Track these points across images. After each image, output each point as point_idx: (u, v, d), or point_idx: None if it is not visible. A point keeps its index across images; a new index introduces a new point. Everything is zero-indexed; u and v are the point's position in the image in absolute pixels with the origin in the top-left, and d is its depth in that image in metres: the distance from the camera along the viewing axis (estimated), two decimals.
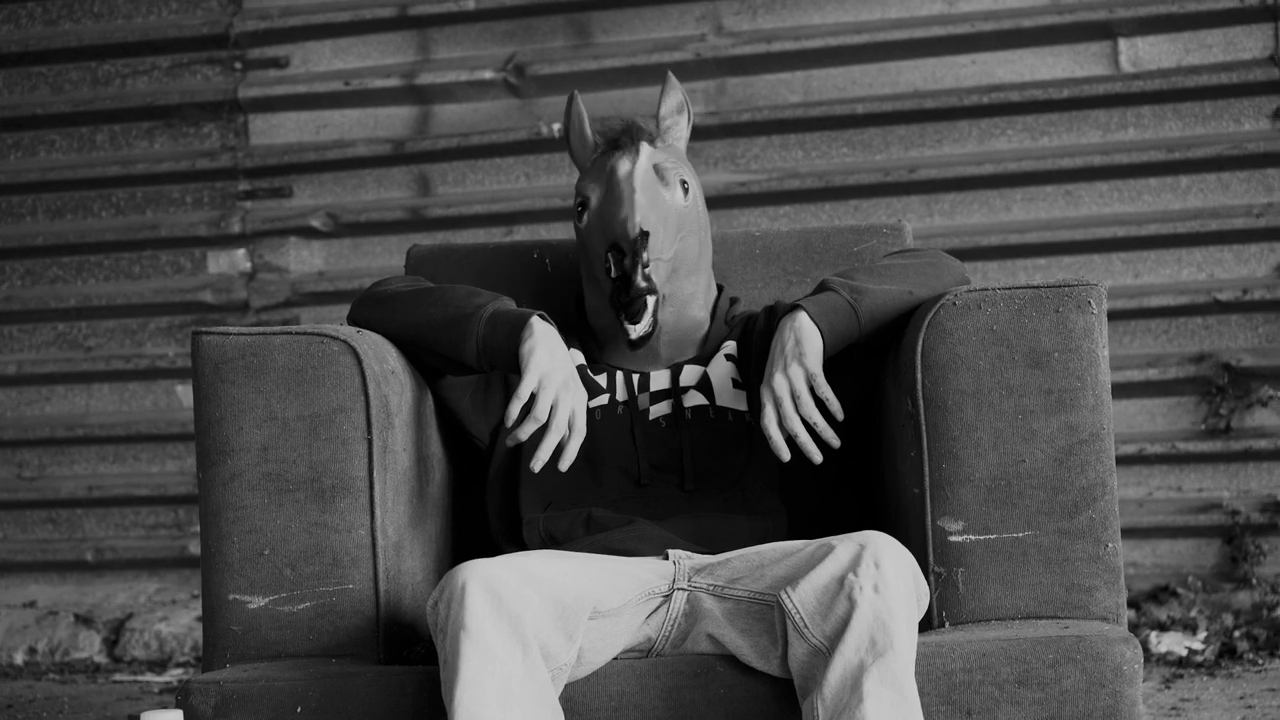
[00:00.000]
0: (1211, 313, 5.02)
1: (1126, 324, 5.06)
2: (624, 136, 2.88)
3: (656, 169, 2.84)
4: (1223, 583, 4.91)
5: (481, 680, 2.20)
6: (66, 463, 5.76)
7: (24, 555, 5.73)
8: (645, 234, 2.70)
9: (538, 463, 2.50)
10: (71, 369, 5.74)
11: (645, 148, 2.86)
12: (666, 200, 2.82)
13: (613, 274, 2.72)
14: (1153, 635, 4.63)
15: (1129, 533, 4.96)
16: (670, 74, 3.03)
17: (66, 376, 5.76)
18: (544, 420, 2.51)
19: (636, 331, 2.72)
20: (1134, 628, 4.71)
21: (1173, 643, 4.60)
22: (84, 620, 5.51)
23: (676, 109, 2.99)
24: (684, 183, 2.86)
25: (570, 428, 2.54)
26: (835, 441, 2.56)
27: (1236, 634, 4.63)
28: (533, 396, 2.52)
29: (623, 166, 2.83)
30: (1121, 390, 4.99)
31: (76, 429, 5.72)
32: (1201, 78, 5.02)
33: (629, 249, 2.69)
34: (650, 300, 2.71)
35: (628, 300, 2.69)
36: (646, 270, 2.68)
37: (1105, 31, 5.08)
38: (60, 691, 4.95)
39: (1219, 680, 4.32)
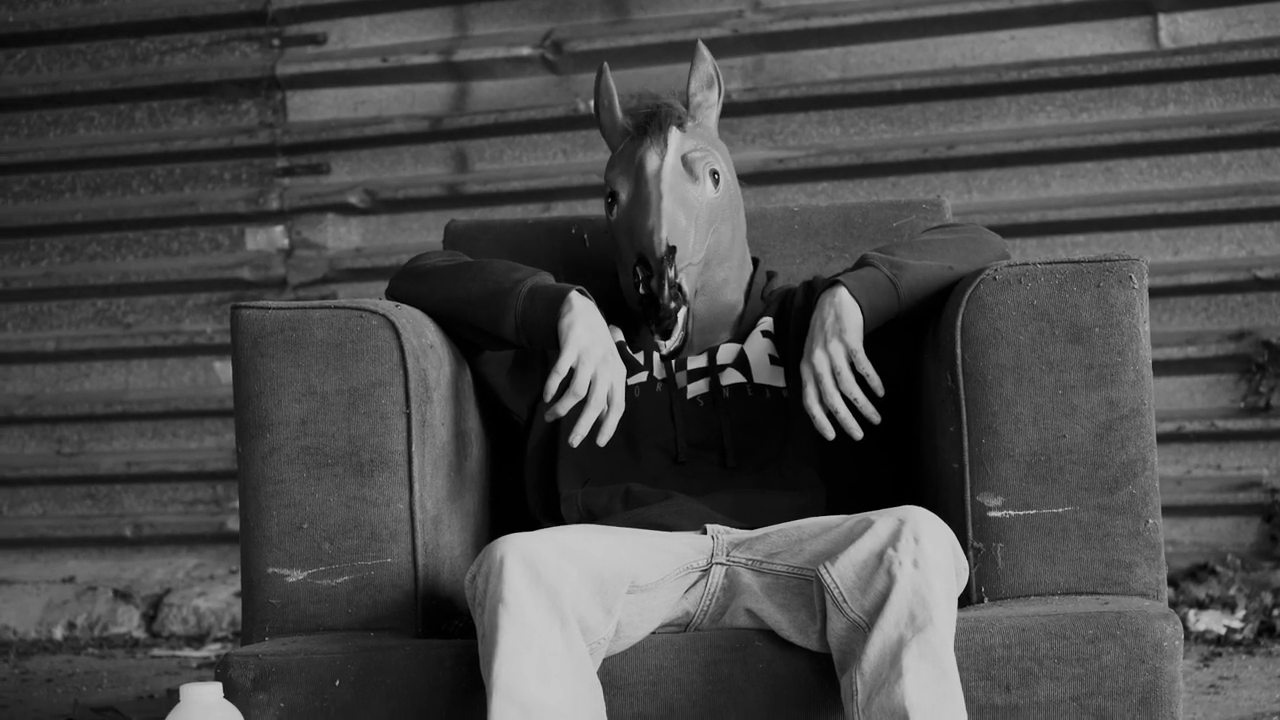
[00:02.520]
0: (1252, 290, 5.00)
1: (1166, 301, 5.04)
2: (651, 123, 2.81)
3: (685, 160, 2.78)
4: (1262, 561, 4.89)
5: (520, 654, 2.20)
6: (105, 439, 5.79)
7: (63, 531, 5.76)
8: (673, 250, 2.65)
9: (576, 437, 2.50)
10: (110, 345, 5.76)
11: (674, 136, 2.79)
12: (695, 197, 2.76)
13: (640, 290, 2.67)
14: (1191, 613, 4.62)
15: (1167, 511, 4.94)
16: (700, 44, 2.93)
17: (105, 353, 5.78)
18: (583, 395, 2.50)
19: (669, 346, 2.70)
20: (1173, 605, 4.70)
21: (1211, 621, 4.58)
22: (123, 595, 5.54)
23: (706, 83, 2.91)
24: (714, 173, 2.80)
25: (609, 403, 2.53)
26: (875, 417, 2.55)
27: (1275, 612, 4.61)
28: (571, 371, 2.52)
29: (651, 162, 2.77)
30: (1161, 368, 4.96)
31: (115, 405, 5.75)
32: (1242, 53, 4.99)
33: (655, 267, 2.64)
34: (680, 314, 2.68)
35: (657, 318, 2.66)
36: (675, 288, 2.64)
37: (1145, 7, 5.05)
38: (99, 666, 4.97)
39: (1258, 658, 4.31)
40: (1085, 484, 2.47)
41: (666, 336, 2.68)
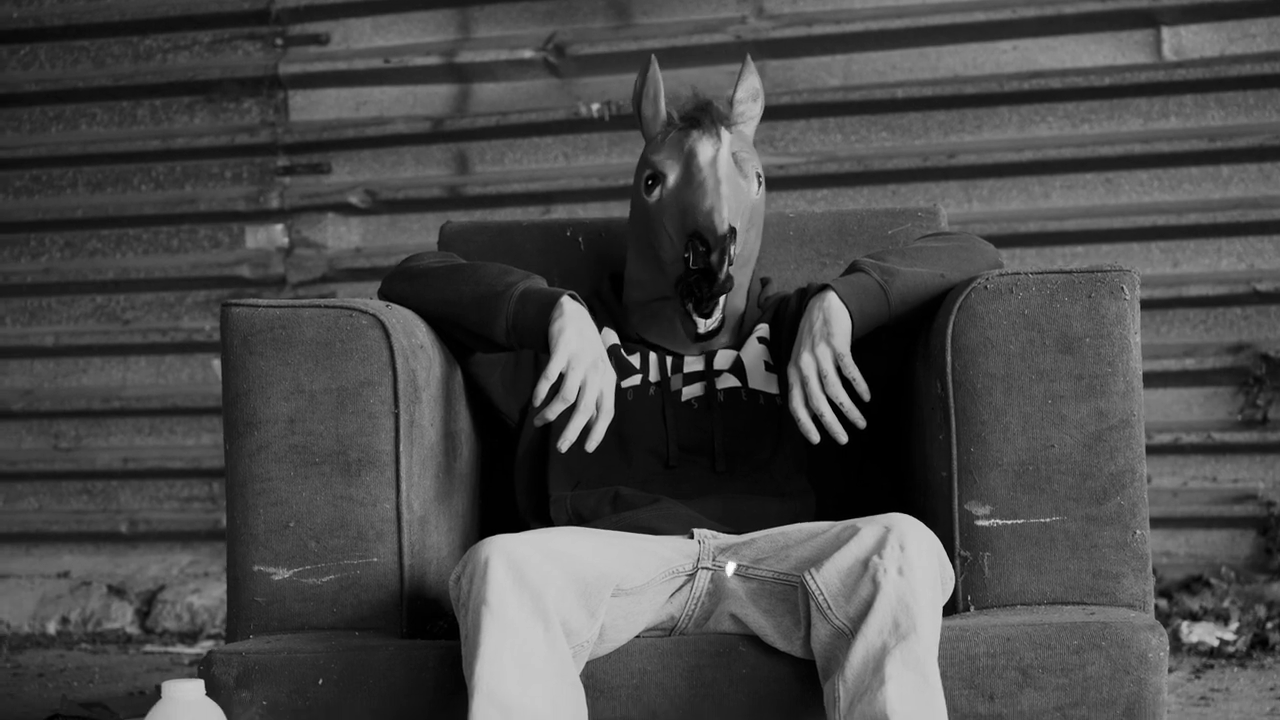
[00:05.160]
0: (1250, 303, 4.99)
1: (1164, 313, 5.04)
2: (704, 116, 2.83)
3: (735, 158, 2.81)
4: (1256, 574, 4.89)
5: (502, 655, 2.20)
6: (102, 434, 5.79)
7: (59, 526, 5.75)
8: (734, 230, 2.66)
9: (565, 443, 2.49)
10: (109, 341, 5.76)
11: (725, 133, 2.82)
12: (744, 193, 2.79)
13: (692, 264, 2.67)
14: (1184, 625, 4.61)
15: (1163, 522, 4.93)
16: (749, 58, 2.97)
17: (104, 349, 5.78)
18: (572, 400, 2.50)
19: (707, 325, 2.70)
20: (1166, 617, 4.69)
21: (1204, 633, 4.58)
22: (117, 591, 5.54)
23: (752, 95, 2.94)
24: (759, 175, 2.83)
25: (598, 408, 2.53)
26: (861, 422, 2.55)
27: (1269, 625, 4.61)
28: (561, 376, 2.52)
29: (704, 151, 2.78)
30: (1158, 379, 4.96)
31: (113, 401, 5.75)
32: (1244, 67, 4.99)
33: (716, 243, 2.65)
34: (724, 297, 2.69)
35: (708, 294, 2.66)
36: (730, 267, 2.66)
37: (1148, 19, 5.05)
38: (91, 661, 4.97)
39: (1249, 671, 4.30)
40: (1073, 494, 2.46)
41: (707, 316, 2.68)
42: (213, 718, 2.28)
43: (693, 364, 2.85)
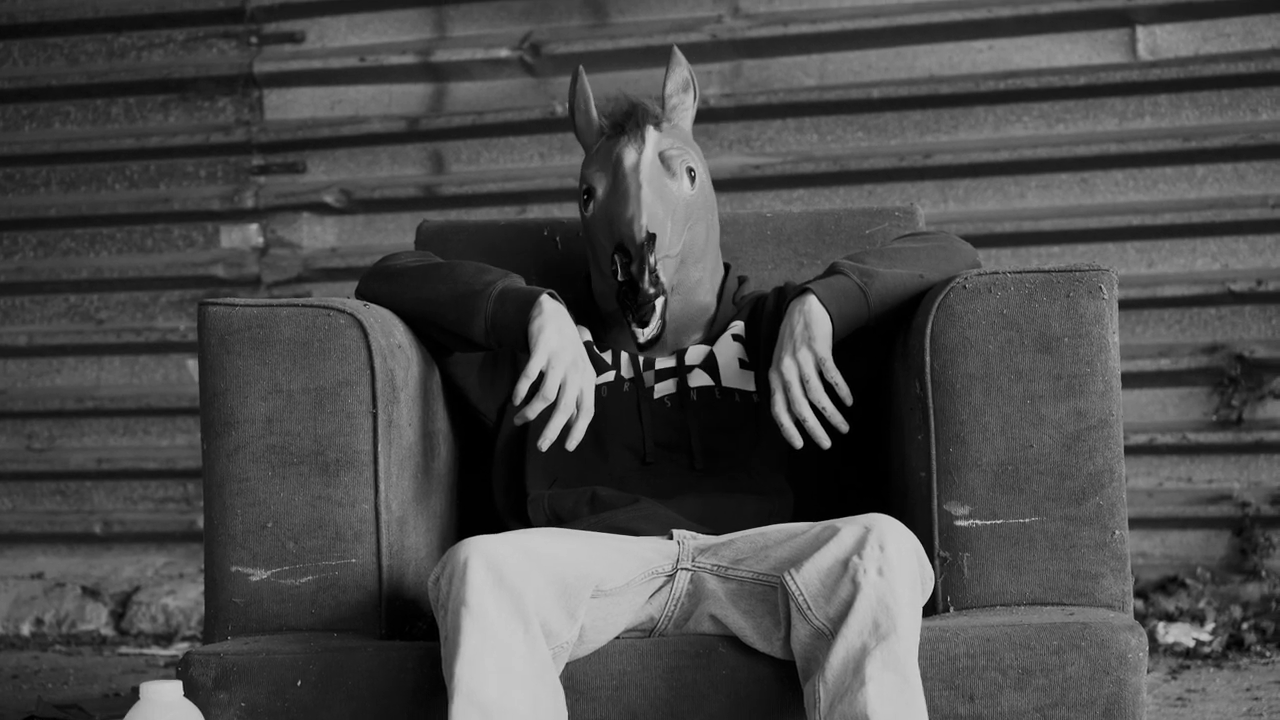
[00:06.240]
0: (1225, 303, 5.00)
1: (1139, 313, 5.04)
2: (629, 121, 2.83)
3: (663, 157, 2.80)
4: (1231, 574, 4.90)
5: (482, 657, 2.20)
6: (76, 435, 5.76)
7: (32, 527, 5.73)
8: (653, 236, 2.66)
9: (545, 441, 2.50)
10: (82, 341, 5.74)
11: (651, 134, 2.82)
12: (673, 192, 2.78)
13: (619, 277, 2.68)
14: (1160, 626, 4.62)
15: (1138, 523, 4.94)
16: (676, 50, 2.97)
17: (77, 348, 5.76)
18: (552, 399, 2.50)
19: (645, 335, 2.70)
20: (1142, 618, 4.70)
21: (1180, 634, 4.59)
22: (91, 592, 5.52)
23: (682, 87, 2.94)
24: (690, 170, 2.82)
25: (578, 407, 2.53)
26: (844, 426, 2.55)
27: (1244, 626, 4.61)
28: (541, 375, 2.52)
29: (629, 157, 2.79)
30: (1133, 380, 4.97)
31: (87, 401, 5.72)
32: (1219, 67, 5.00)
33: (636, 253, 2.66)
34: (659, 302, 2.69)
35: (636, 305, 2.66)
36: (654, 274, 2.65)
37: (1123, 19, 5.05)
38: (66, 663, 4.95)
39: (1226, 672, 4.31)
40: (1052, 494, 2.47)
41: (644, 325, 2.68)
42: (191, 719, 2.27)
43: (664, 360, 2.85)
